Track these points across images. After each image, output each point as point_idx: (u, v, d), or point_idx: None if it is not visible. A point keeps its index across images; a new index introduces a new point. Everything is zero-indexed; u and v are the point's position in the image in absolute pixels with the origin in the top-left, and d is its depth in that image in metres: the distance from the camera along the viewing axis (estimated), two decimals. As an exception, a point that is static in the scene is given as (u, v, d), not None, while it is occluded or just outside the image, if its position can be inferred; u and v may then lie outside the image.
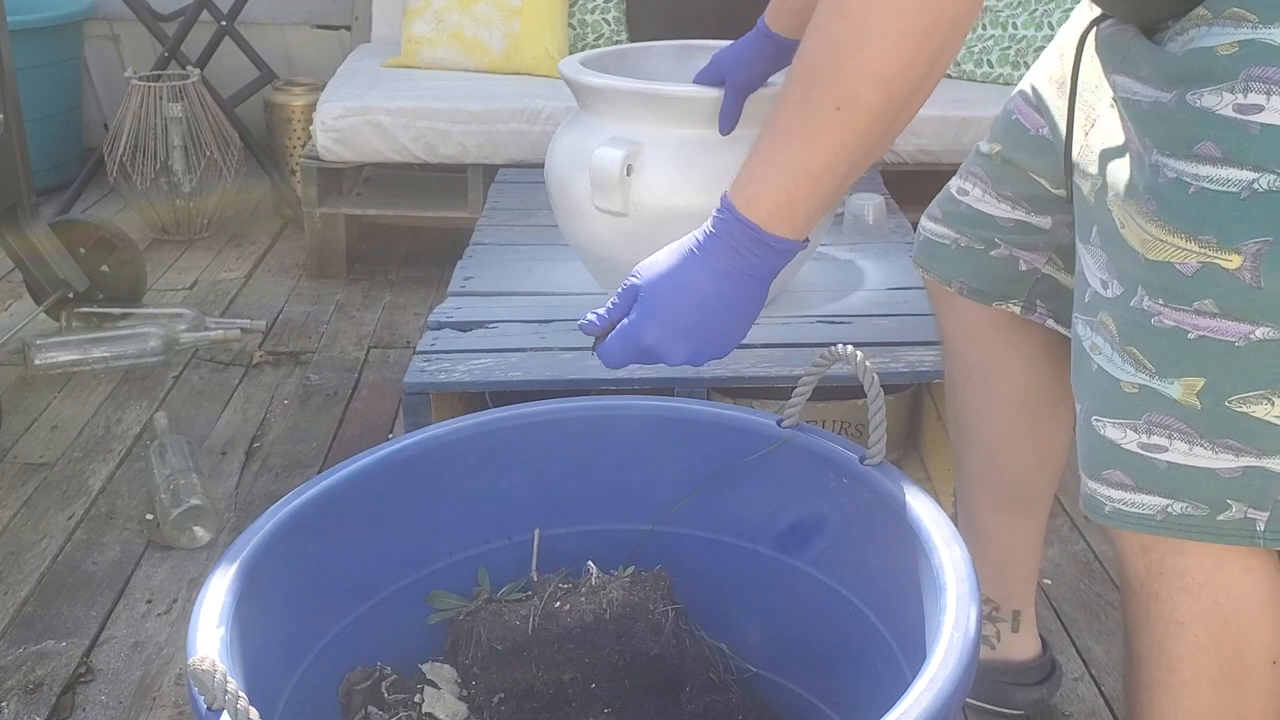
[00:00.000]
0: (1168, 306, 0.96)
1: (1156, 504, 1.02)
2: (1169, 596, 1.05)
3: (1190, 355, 0.96)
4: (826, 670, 1.14)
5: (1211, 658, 1.05)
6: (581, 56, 1.83)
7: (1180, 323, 0.96)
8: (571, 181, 1.75)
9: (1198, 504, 1.00)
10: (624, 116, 1.71)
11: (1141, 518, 1.03)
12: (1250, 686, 1.05)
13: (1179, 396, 0.98)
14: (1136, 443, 1.01)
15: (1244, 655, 1.05)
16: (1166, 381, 0.98)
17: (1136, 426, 1.01)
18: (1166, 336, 0.97)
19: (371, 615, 1.13)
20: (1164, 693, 1.08)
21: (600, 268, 1.88)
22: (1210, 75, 0.92)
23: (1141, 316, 0.99)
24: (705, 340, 0.95)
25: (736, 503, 1.18)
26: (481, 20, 3.17)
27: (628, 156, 1.66)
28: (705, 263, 0.96)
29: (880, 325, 1.85)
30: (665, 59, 1.90)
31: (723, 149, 1.67)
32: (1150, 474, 1.01)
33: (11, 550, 1.93)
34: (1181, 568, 1.04)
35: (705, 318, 0.94)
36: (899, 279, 2.02)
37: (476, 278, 2.01)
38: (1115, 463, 1.03)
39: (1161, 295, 0.97)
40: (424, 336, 1.79)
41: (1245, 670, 1.05)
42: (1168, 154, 0.95)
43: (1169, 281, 0.96)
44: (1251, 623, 1.04)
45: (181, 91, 3.25)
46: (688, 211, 1.56)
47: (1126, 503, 1.03)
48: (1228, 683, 1.05)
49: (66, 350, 2.52)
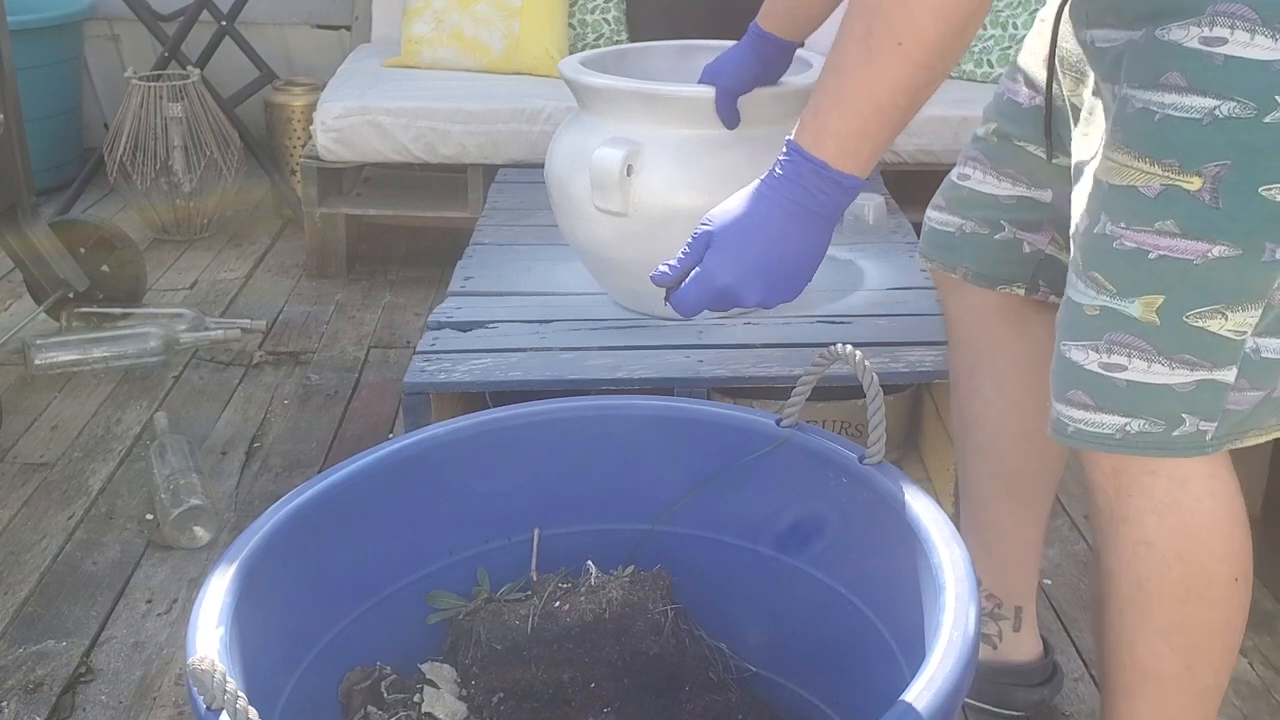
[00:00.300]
0: (1129, 229, 1.03)
1: (1115, 423, 1.08)
2: (1137, 518, 1.11)
3: (1150, 274, 1.03)
4: (825, 669, 1.14)
5: (1178, 575, 1.11)
6: (581, 57, 1.83)
7: (1141, 243, 1.02)
8: (571, 181, 1.75)
9: (1154, 420, 1.06)
10: (624, 116, 1.71)
11: (1101, 436, 1.09)
12: (1215, 600, 1.11)
13: (1139, 314, 1.04)
14: (1098, 363, 1.07)
15: (1209, 572, 1.10)
16: (1127, 301, 1.04)
17: (1098, 347, 1.07)
18: (1127, 258, 1.03)
19: (371, 615, 1.13)
20: (1135, 610, 1.13)
21: (600, 268, 1.87)
22: (1179, 11, 0.98)
23: (1104, 241, 1.05)
24: (778, 279, 0.99)
25: (736, 502, 1.18)
26: (481, 20, 3.17)
27: (628, 156, 1.65)
28: (776, 203, 0.99)
29: (880, 325, 1.84)
30: (666, 59, 1.90)
31: (723, 149, 1.68)
32: (1110, 393, 1.07)
33: (12, 550, 1.93)
34: (1149, 487, 1.09)
35: (778, 257, 0.98)
36: (899, 279, 2.01)
37: (476, 277, 2.00)
38: (1078, 383, 1.09)
39: (1124, 218, 1.03)
40: (424, 336, 1.78)
41: (1210, 585, 1.11)
42: (1136, 86, 1.02)
43: (1132, 204, 1.02)
44: (1215, 541, 1.10)
45: (181, 91, 3.25)
46: (688, 211, 1.55)
47: (1088, 422, 1.09)
48: (1193, 598, 1.11)
49: (66, 350, 2.52)
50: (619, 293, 1.89)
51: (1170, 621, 1.12)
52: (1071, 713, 1.59)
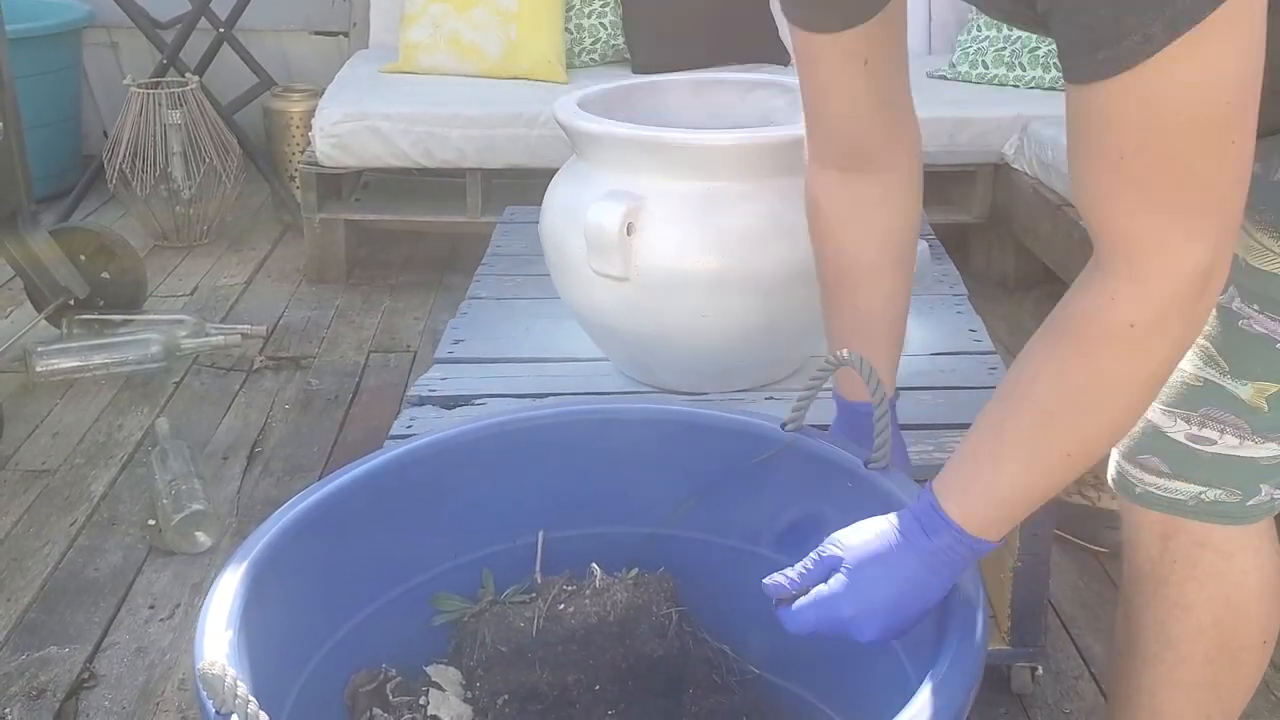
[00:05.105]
0: (1263, 314, 1.00)
1: (1191, 490, 1.07)
2: (1179, 584, 1.10)
3: (1273, 363, 1.01)
4: (829, 673, 1.14)
5: (1211, 640, 1.11)
6: (580, 96, 1.59)
7: (1271, 331, 1.00)
8: (566, 240, 1.52)
9: (1232, 490, 1.06)
10: (624, 166, 1.48)
11: (1173, 502, 1.08)
12: (1242, 663, 1.12)
13: (1248, 398, 1.03)
14: (1184, 433, 1.06)
15: (1241, 637, 1.11)
16: (1238, 382, 1.02)
17: (1190, 418, 1.06)
18: (1253, 342, 1.01)
19: (376, 618, 1.13)
20: (1162, 665, 1.14)
21: (602, 335, 1.63)
22: None
23: (1230, 317, 1.02)
24: (899, 620, 0.95)
25: (740, 506, 1.18)
26: (478, 25, 3.18)
27: (628, 214, 1.42)
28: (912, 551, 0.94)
29: (923, 402, 1.56)
30: (678, 95, 1.68)
31: (735, 204, 1.46)
32: (1190, 463, 1.06)
33: (14, 557, 1.93)
34: (1195, 558, 1.09)
35: (904, 600, 0.94)
36: (945, 341, 1.72)
37: (468, 340, 1.75)
38: (1155, 450, 1.08)
39: (1258, 302, 1.01)
40: (400, 416, 1.56)
41: (1241, 649, 1.11)
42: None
43: (1270, 291, 1.00)
44: (1252, 608, 1.10)
45: (180, 98, 3.26)
46: (696, 276, 1.45)
47: (1159, 487, 1.09)
48: (1222, 661, 1.12)
49: (68, 357, 2.53)
50: (624, 363, 1.66)
51: (1196, 680, 1.13)
52: (1071, 710, 1.60)
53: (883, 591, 0.94)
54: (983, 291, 2.74)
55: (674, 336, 1.51)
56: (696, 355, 1.55)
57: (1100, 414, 0.88)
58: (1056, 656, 1.68)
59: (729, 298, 1.47)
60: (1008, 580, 1.47)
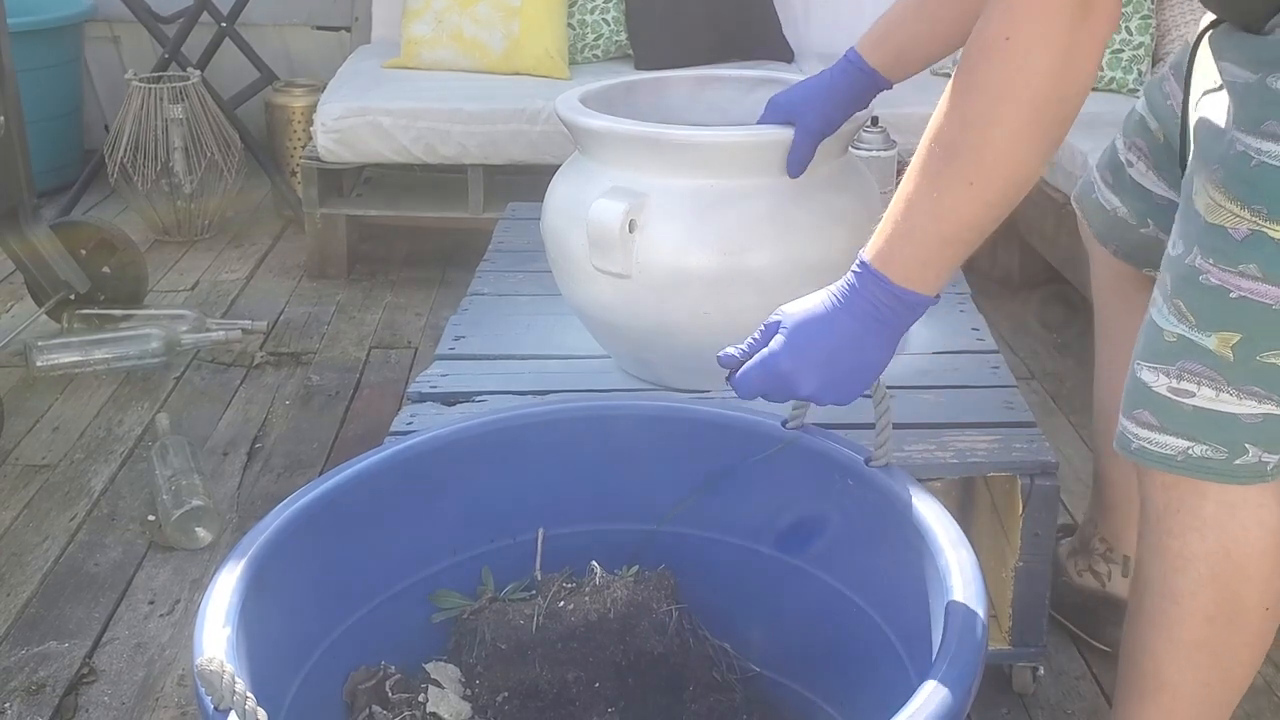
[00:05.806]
0: (1216, 266, 1.06)
1: (1178, 445, 1.12)
2: (1181, 533, 1.14)
3: (1229, 312, 1.06)
4: (830, 671, 1.14)
5: (1211, 595, 1.14)
6: (582, 92, 1.58)
7: (1225, 282, 1.06)
8: (568, 237, 1.51)
9: (1217, 446, 1.10)
10: (626, 163, 1.47)
11: (1163, 457, 1.13)
12: (1243, 626, 1.15)
13: (1214, 348, 1.07)
14: (1167, 386, 1.11)
15: (1241, 597, 1.13)
16: (1205, 334, 1.08)
17: (1169, 371, 1.10)
18: (1210, 294, 1.07)
19: (376, 615, 1.13)
20: (1164, 622, 1.17)
21: (603, 333, 1.63)
22: None
23: (1192, 273, 1.07)
24: (834, 377, 1.02)
25: (741, 503, 1.18)
26: (481, 21, 3.17)
27: (629, 210, 1.42)
28: (844, 308, 1.02)
29: (925, 401, 1.56)
30: (681, 91, 1.69)
31: (740, 201, 1.45)
32: (1176, 416, 1.11)
33: (14, 552, 1.93)
34: (1197, 508, 1.13)
35: (839, 354, 1.02)
36: (948, 340, 1.72)
37: (469, 337, 1.74)
38: (1145, 403, 1.13)
39: (1213, 255, 1.06)
40: (401, 412, 1.56)
41: (1240, 610, 1.14)
42: (1242, 129, 1.04)
43: (1221, 244, 1.05)
44: (1252, 568, 1.13)
45: (182, 93, 3.25)
46: (698, 273, 1.45)
47: (1152, 441, 1.13)
48: (1222, 620, 1.14)
49: (68, 352, 2.52)
50: (625, 360, 1.65)
51: (1196, 639, 1.16)
52: (1073, 710, 1.59)
53: (818, 345, 1.01)
54: (986, 290, 2.73)
55: (675, 333, 1.51)
56: (698, 352, 1.54)
57: (992, 133, 0.95)
58: (1058, 656, 1.68)
59: (730, 295, 1.47)
60: (1009, 580, 1.47)
